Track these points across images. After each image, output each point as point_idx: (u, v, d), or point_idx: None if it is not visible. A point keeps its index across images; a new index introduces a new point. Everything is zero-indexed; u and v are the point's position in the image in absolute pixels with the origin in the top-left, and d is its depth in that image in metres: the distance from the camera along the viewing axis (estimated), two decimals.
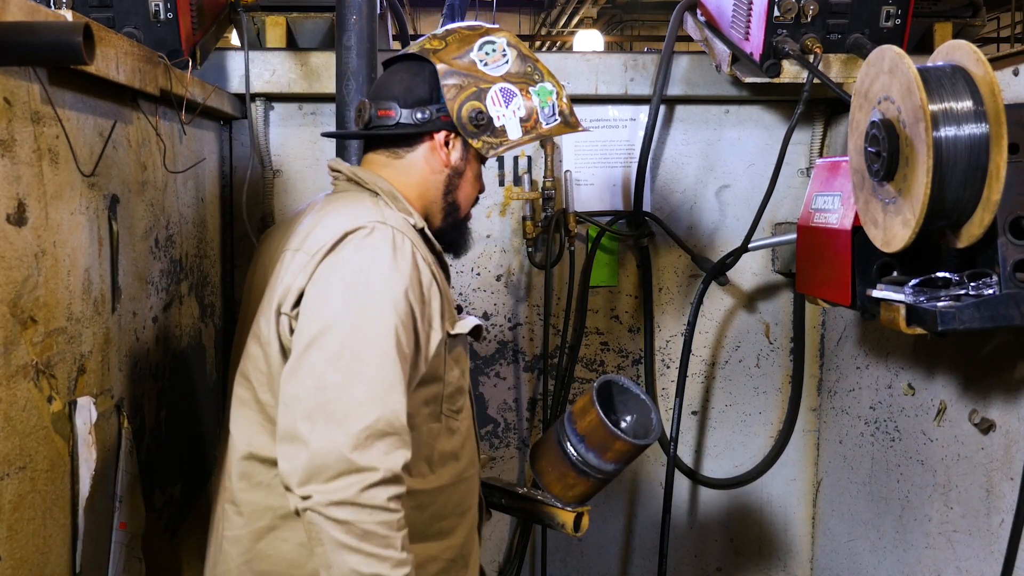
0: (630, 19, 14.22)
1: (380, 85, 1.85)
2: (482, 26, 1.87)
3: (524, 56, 1.84)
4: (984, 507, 2.20)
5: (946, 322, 1.79)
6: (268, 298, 1.66)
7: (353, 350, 1.52)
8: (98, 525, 1.69)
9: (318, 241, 1.62)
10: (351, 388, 1.50)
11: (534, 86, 1.83)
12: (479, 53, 1.81)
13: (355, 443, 1.47)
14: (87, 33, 1.32)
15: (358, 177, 1.78)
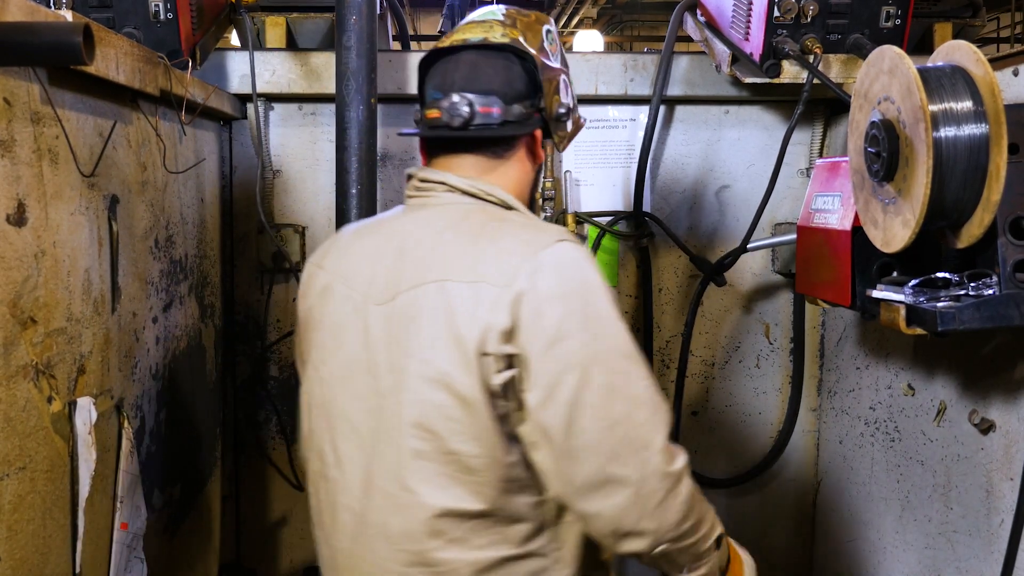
0: (630, 19, 14.23)
1: (471, 78, 1.63)
2: (532, 12, 1.77)
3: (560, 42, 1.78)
4: (984, 507, 2.20)
5: (946, 322, 1.79)
6: (448, 339, 1.44)
7: (618, 375, 1.44)
8: (98, 525, 1.69)
9: (506, 271, 1.44)
10: (637, 412, 1.44)
11: (568, 75, 1.77)
12: (547, 43, 1.71)
13: (665, 456, 1.46)
14: (87, 33, 1.32)
15: (479, 189, 1.60)
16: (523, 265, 1.43)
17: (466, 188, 1.60)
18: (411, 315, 1.48)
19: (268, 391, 3.03)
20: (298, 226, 2.98)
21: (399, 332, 1.49)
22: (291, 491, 3.04)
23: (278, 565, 3.13)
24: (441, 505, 1.46)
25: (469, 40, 1.67)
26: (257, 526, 3.10)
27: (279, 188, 2.97)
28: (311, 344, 1.63)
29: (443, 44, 1.70)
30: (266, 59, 2.83)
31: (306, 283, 1.67)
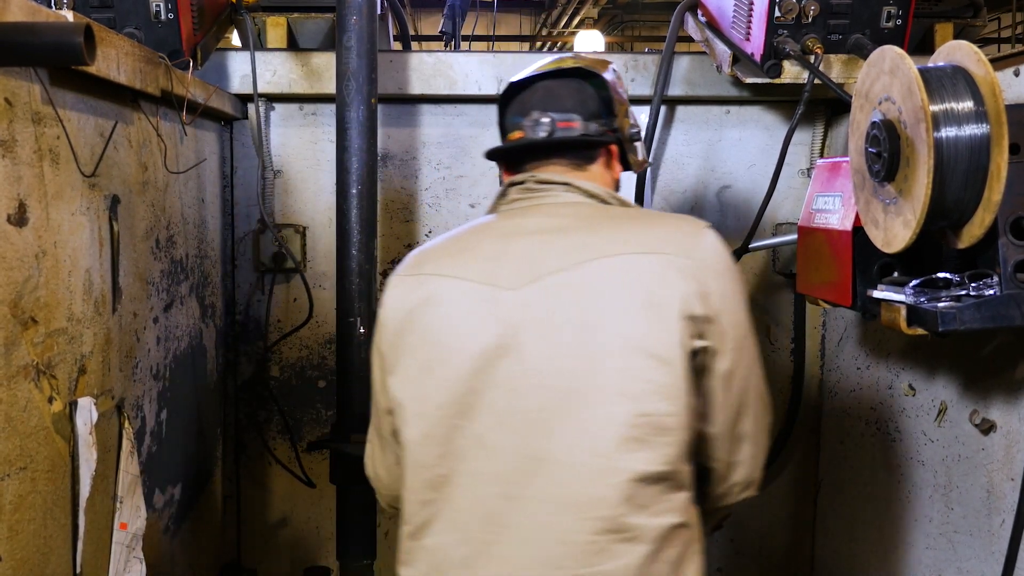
0: (631, 19, 14.23)
1: (548, 99, 1.75)
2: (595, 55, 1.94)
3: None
4: (985, 508, 2.20)
5: (947, 323, 1.79)
6: (642, 305, 1.50)
7: (756, 345, 1.66)
8: (98, 525, 1.69)
9: (682, 244, 1.56)
10: (766, 390, 1.68)
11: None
12: (614, 75, 1.83)
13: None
14: (88, 33, 1.32)
15: (599, 190, 1.69)
16: (694, 241, 1.57)
17: (589, 189, 1.69)
18: (585, 291, 1.53)
19: (269, 391, 3.03)
20: (299, 226, 2.98)
21: (570, 309, 1.52)
22: (291, 491, 3.04)
23: (278, 565, 3.13)
24: (634, 468, 1.49)
25: (543, 71, 1.80)
26: (257, 526, 3.10)
27: (280, 188, 2.97)
28: (411, 350, 1.60)
29: (517, 78, 1.82)
30: (267, 59, 2.83)
31: (400, 293, 1.64)
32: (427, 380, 1.58)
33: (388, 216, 3.01)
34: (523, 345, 1.53)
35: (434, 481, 1.57)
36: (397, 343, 1.63)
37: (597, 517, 1.50)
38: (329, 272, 2.94)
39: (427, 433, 1.57)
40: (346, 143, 2.48)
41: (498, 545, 1.52)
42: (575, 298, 1.53)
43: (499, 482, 1.52)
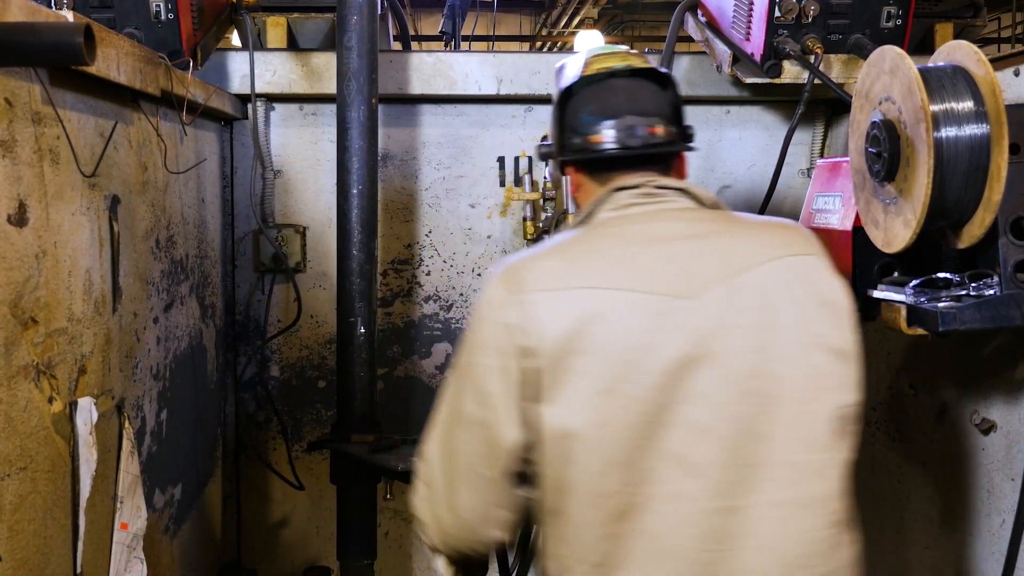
0: (631, 19, 14.22)
1: (633, 101, 1.71)
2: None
3: None
4: (985, 508, 2.20)
5: (947, 323, 1.79)
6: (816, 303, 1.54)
7: None
8: (99, 526, 1.69)
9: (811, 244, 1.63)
10: None
11: None
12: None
13: None
14: (88, 34, 1.32)
15: (707, 196, 1.69)
16: (817, 242, 1.63)
17: (699, 194, 1.67)
18: (766, 294, 1.52)
19: (269, 392, 3.03)
20: (299, 226, 2.98)
21: (756, 313, 1.51)
22: (291, 491, 3.04)
23: (278, 565, 3.13)
24: (844, 459, 1.57)
25: (614, 68, 1.74)
26: (257, 526, 3.10)
27: (280, 188, 2.97)
28: (582, 373, 1.48)
29: (588, 72, 1.74)
30: (267, 59, 2.84)
31: (554, 312, 1.51)
32: (609, 402, 1.46)
33: (388, 216, 3.01)
34: (718, 354, 1.48)
35: (619, 511, 1.47)
36: (560, 367, 1.48)
37: (829, 511, 1.56)
38: (329, 272, 2.94)
39: (609, 459, 1.46)
40: (347, 143, 2.48)
41: (731, 560, 1.48)
42: (758, 302, 1.51)
43: (712, 497, 1.47)
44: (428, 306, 3.06)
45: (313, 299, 3.02)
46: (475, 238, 3.05)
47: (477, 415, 1.53)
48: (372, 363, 2.56)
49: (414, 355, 3.08)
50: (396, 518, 3.13)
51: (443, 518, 1.62)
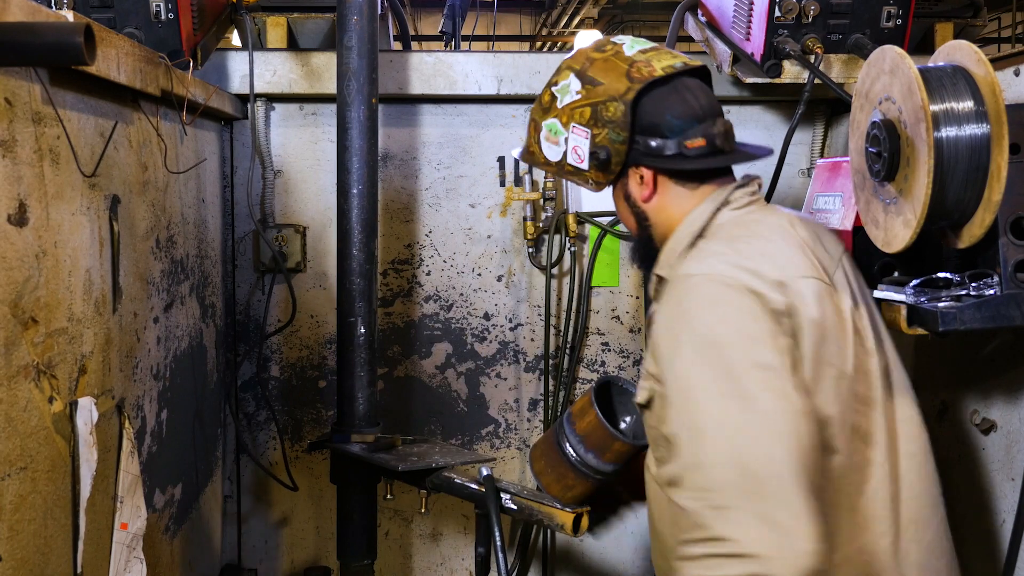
0: (631, 19, 14.22)
1: (710, 103, 1.78)
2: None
3: None
4: (985, 508, 2.20)
5: (947, 322, 1.79)
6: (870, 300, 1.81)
7: None
8: (99, 525, 1.69)
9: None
10: None
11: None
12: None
13: None
14: (88, 33, 1.32)
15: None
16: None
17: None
18: (851, 275, 1.77)
19: (269, 391, 3.03)
20: (299, 226, 2.98)
21: (858, 294, 1.75)
22: (292, 491, 3.04)
23: (278, 565, 3.13)
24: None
25: (676, 66, 1.77)
26: (257, 526, 3.11)
27: (280, 188, 2.97)
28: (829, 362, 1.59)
29: (656, 74, 1.74)
30: (267, 59, 2.84)
31: (817, 299, 1.60)
32: (844, 391, 1.62)
33: (388, 216, 3.01)
34: (860, 330, 1.70)
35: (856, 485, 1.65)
36: (819, 356, 1.56)
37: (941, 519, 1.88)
38: (330, 272, 2.94)
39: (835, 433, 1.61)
40: (347, 143, 2.48)
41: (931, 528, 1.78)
42: (855, 282, 1.77)
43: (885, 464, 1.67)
44: (428, 306, 3.06)
45: (313, 299, 3.02)
46: (475, 238, 3.05)
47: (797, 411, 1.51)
48: (372, 363, 2.56)
49: (414, 355, 3.08)
50: (396, 518, 3.13)
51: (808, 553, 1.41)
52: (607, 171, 1.78)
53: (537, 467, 2.07)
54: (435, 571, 3.18)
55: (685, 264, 1.67)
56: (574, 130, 1.79)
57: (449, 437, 3.08)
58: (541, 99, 1.86)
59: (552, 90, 1.83)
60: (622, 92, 1.73)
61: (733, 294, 1.55)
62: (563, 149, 1.82)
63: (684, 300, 1.60)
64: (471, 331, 3.08)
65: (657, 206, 1.78)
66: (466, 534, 3.13)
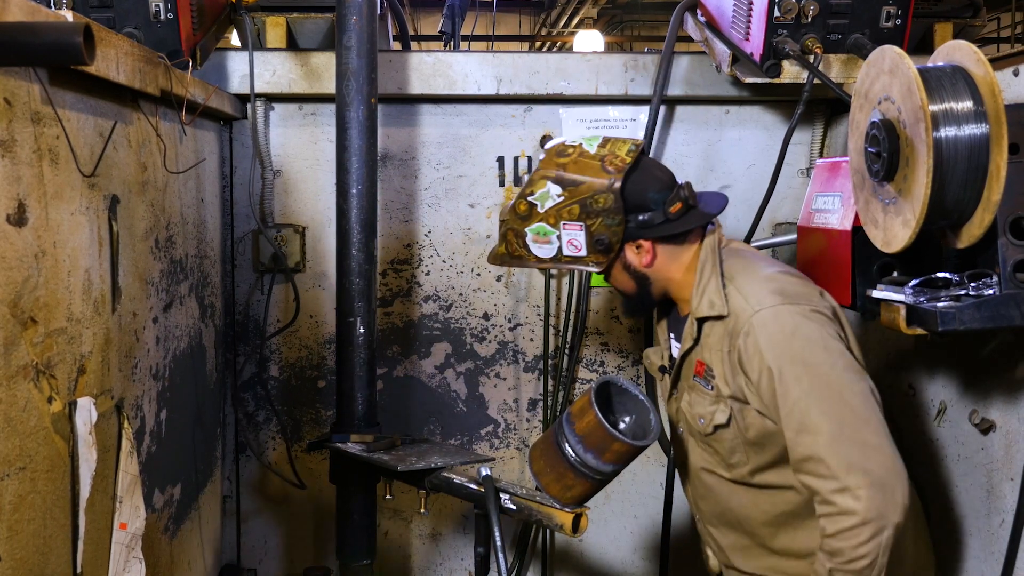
0: (630, 19, 14.23)
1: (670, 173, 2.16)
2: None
3: None
4: (984, 508, 2.20)
5: (946, 322, 1.79)
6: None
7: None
8: (98, 526, 1.69)
9: None
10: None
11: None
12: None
13: None
14: (87, 33, 1.32)
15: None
16: None
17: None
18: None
19: (268, 391, 3.03)
20: (298, 226, 2.98)
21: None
22: (291, 491, 3.04)
23: (278, 565, 3.13)
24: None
25: (632, 149, 2.09)
26: (257, 526, 3.11)
27: (279, 188, 2.97)
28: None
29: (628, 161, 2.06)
30: (266, 59, 2.84)
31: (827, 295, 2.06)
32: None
33: (388, 216, 3.01)
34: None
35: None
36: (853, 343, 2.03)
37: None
38: (329, 272, 2.94)
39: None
40: (346, 143, 2.48)
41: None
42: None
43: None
44: (427, 306, 3.06)
45: (312, 299, 3.02)
46: (475, 238, 3.05)
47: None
48: (372, 363, 2.56)
49: (413, 355, 3.08)
50: (396, 518, 3.13)
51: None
52: (609, 252, 2.07)
53: (536, 467, 2.07)
54: (434, 571, 3.18)
55: (743, 303, 1.97)
56: (565, 227, 2.06)
57: (448, 437, 3.08)
58: (516, 209, 2.10)
59: (528, 200, 2.08)
60: (608, 184, 2.02)
61: (803, 314, 1.93)
62: (557, 245, 2.09)
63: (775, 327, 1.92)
64: (470, 331, 3.08)
65: (658, 267, 2.09)
66: (465, 534, 3.13)
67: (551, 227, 2.07)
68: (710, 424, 2.04)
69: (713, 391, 2.02)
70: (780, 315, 1.91)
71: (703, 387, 2.05)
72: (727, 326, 1.99)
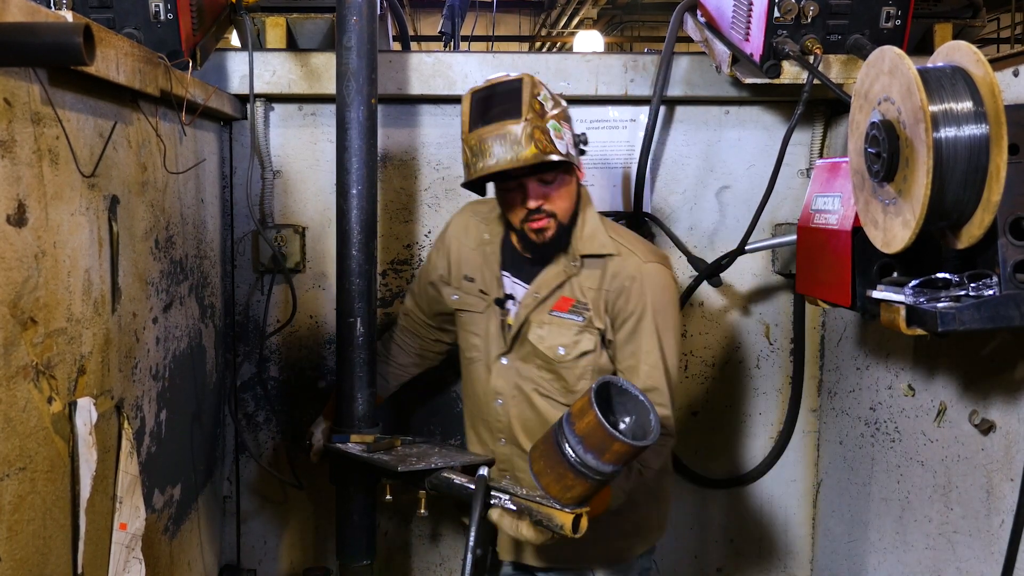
0: (630, 20, 14.24)
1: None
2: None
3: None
4: (984, 508, 2.20)
5: (946, 323, 1.79)
6: None
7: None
8: (98, 526, 1.69)
9: None
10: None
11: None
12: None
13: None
14: (87, 34, 1.32)
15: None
16: None
17: None
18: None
19: (268, 392, 3.03)
20: (298, 226, 2.98)
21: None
22: (291, 491, 3.04)
23: (278, 565, 3.13)
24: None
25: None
26: (257, 526, 3.10)
27: (279, 189, 2.97)
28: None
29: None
30: (266, 60, 2.83)
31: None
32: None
33: (388, 216, 3.01)
34: None
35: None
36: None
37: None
38: (329, 272, 2.94)
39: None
40: (346, 143, 2.48)
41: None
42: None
43: None
44: None
45: (312, 299, 3.02)
46: None
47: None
48: (372, 363, 2.56)
49: None
50: (396, 518, 3.13)
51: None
52: (576, 162, 2.30)
53: (536, 467, 2.07)
54: (434, 572, 3.18)
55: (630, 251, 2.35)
56: (564, 127, 2.26)
57: (449, 437, 3.08)
58: (532, 108, 2.20)
59: (538, 99, 2.23)
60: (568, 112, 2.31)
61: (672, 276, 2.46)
62: (565, 142, 2.25)
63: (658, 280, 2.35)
64: None
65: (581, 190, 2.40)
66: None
67: (559, 124, 2.24)
68: (572, 351, 2.34)
69: (584, 322, 2.33)
70: (661, 271, 2.34)
71: (570, 319, 2.34)
72: (608, 268, 2.32)
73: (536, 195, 2.26)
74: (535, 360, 2.39)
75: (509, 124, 2.17)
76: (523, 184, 2.27)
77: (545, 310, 2.36)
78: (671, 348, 2.33)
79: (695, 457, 3.18)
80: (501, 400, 2.46)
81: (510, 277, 2.45)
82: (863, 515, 2.82)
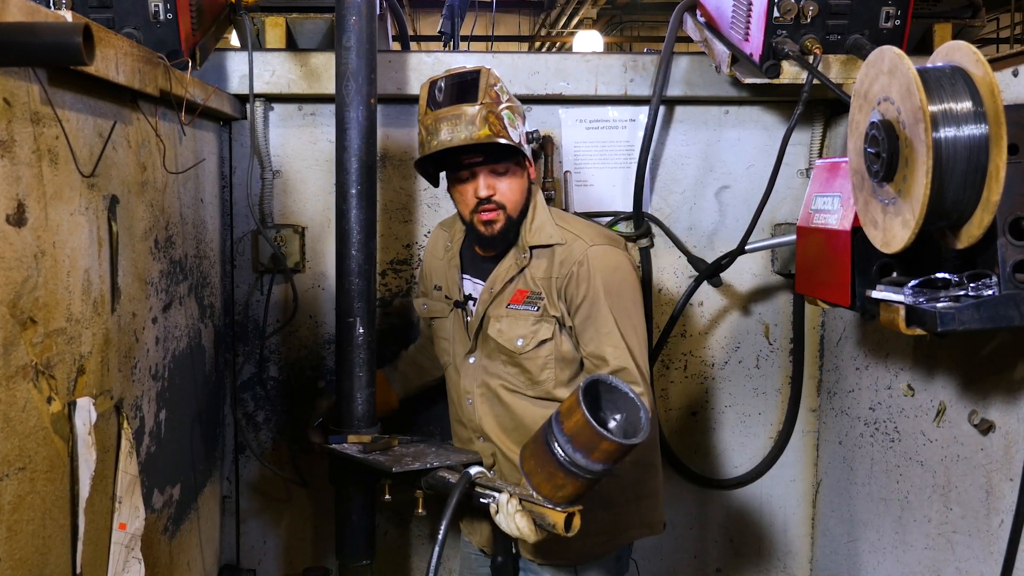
0: (630, 20, 14.24)
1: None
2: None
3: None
4: (984, 508, 2.20)
5: (946, 323, 1.79)
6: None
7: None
8: (97, 526, 1.69)
9: None
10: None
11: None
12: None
13: None
14: (87, 34, 1.32)
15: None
16: None
17: None
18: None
19: (267, 392, 3.03)
20: (298, 226, 2.98)
21: None
22: (290, 491, 3.04)
23: (277, 565, 3.13)
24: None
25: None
26: (256, 526, 3.10)
27: (279, 188, 2.97)
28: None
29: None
30: (266, 59, 2.83)
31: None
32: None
33: (387, 216, 3.01)
34: None
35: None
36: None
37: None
38: (328, 272, 2.94)
39: None
40: (345, 143, 2.48)
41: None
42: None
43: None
44: None
45: (312, 299, 3.02)
46: None
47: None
48: (371, 363, 2.55)
49: None
50: (395, 518, 3.13)
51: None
52: (528, 157, 2.35)
53: (527, 466, 2.07)
54: None
55: (575, 237, 2.35)
56: (517, 119, 2.33)
57: (448, 437, 3.08)
58: (489, 95, 2.27)
59: (495, 88, 2.29)
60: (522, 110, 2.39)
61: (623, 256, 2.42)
62: (518, 132, 2.32)
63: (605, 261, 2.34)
64: None
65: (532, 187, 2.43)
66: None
67: (512, 115, 2.31)
68: (531, 342, 2.36)
69: (539, 311, 2.36)
70: (609, 251, 2.34)
71: (526, 310, 2.37)
72: (556, 256, 2.35)
73: (487, 184, 2.31)
74: (500, 356, 2.42)
75: (465, 106, 2.25)
76: (475, 173, 2.32)
77: (502, 304, 2.40)
78: (631, 326, 2.32)
79: (695, 457, 3.18)
80: (471, 399, 2.50)
81: (470, 279, 2.52)
82: (862, 515, 2.83)
